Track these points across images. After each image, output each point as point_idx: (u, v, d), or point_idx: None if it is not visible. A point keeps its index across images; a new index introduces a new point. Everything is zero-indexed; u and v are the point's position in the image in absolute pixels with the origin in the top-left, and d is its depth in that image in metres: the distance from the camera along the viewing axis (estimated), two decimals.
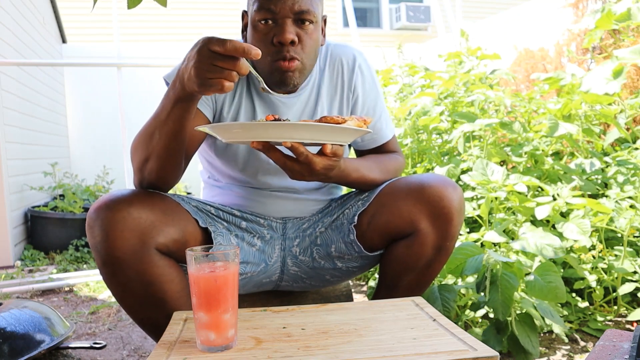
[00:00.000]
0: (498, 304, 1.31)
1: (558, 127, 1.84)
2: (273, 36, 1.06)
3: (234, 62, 0.82)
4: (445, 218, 1.08)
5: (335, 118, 0.90)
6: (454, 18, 3.98)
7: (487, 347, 0.74)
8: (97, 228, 0.96)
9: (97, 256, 0.99)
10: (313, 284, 1.28)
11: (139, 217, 0.97)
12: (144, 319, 1.06)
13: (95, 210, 0.98)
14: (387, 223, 1.13)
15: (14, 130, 3.51)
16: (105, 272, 1.00)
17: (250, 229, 1.20)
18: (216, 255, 0.79)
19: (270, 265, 1.21)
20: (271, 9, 1.04)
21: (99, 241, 0.97)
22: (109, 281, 1.01)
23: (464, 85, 2.35)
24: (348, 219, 1.18)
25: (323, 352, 0.75)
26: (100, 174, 4.26)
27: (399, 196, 1.11)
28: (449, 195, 1.08)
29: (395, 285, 1.16)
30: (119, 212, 0.96)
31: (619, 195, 1.67)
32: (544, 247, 1.41)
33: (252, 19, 1.09)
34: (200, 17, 7.78)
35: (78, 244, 3.44)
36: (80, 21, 7.01)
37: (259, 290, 1.29)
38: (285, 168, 0.95)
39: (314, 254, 1.21)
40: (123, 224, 0.96)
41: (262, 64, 1.10)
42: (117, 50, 3.05)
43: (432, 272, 1.15)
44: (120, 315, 2.00)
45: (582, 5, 2.99)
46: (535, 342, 1.32)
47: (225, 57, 0.81)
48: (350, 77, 1.23)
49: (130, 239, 0.96)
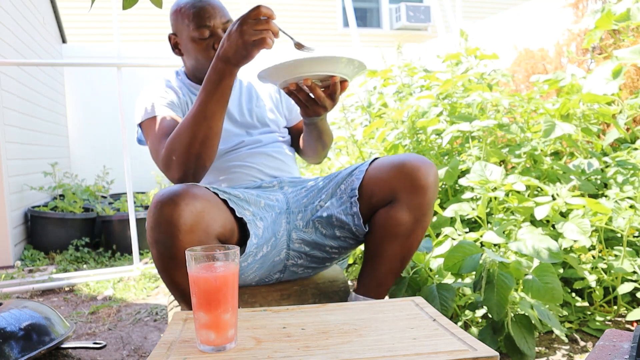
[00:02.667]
0: (493, 303, 1.31)
1: (554, 128, 1.84)
2: (213, 43, 1.35)
3: (267, 22, 1.04)
4: (421, 190, 1.24)
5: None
6: (454, 18, 3.98)
7: (487, 347, 0.74)
8: (165, 224, 1.01)
9: (164, 250, 1.03)
10: (316, 255, 1.36)
11: (203, 210, 1.05)
12: None
13: (160, 207, 1.02)
14: (372, 193, 1.28)
15: (14, 130, 3.51)
16: (172, 265, 1.04)
17: (267, 206, 1.30)
18: (216, 255, 0.79)
19: (278, 239, 1.30)
20: (207, 24, 1.34)
21: (168, 237, 1.01)
22: (173, 274, 1.06)
23: (463, 86, 2.35)
24: (347, 194, 1.32)
25: (323, 352, 0.75)
26: (100, 174, 4.26)
27: (384, 170, 1.28)
28: (426, 170, 1.24)
29: (378, 254, 1.28)
30: (186, 207, 1.02)
31: (618, 195, 1.67)
32: (540, 250, 1.41)
33: (191, 37, 1.35)
34: None
35: (78, 244, 3.44)
36: (80, 21, 7.01)
37: (270, 274, 1.36)
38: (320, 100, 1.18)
39: (316, 224, 1.33)
40: (191, 218, 1.02)
41: (205, 67, 1.33)
42: (117, 50, 3.05)
43: (412, 243, 1.28)
44: (120, 315, 2.00)
45: (582, 5, 2.99)
46: (531, 344, 1.32)
47: (259, 20, 1.04)
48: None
49: (198, 232, 1.03)
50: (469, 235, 1.71)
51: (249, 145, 1.42)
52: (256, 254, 1.22)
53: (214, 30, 1.34)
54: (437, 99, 2.30)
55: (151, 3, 1.18)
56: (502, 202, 1.79)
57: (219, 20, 1.35)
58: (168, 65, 3.06)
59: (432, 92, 2.32)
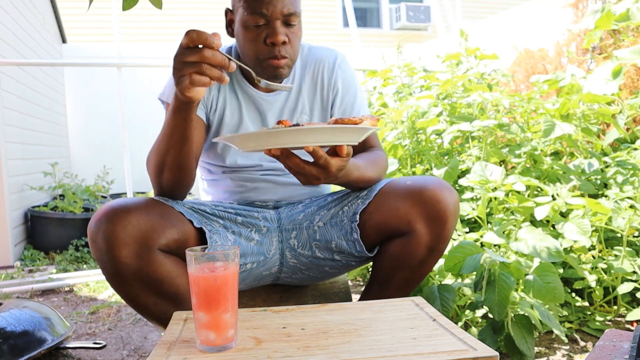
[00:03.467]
0: (494, 303, 1.31)
1: (554, 128, 1.84)
2: (265, 37, 1.14)
3: (197, 52, 0.86)
4: (440, 220, 1.12)
5: (352, 119, 0.92)
6: (454, 18, 3.98)
7: (487, 347, 0.74)
8: (100, 240, 1.00)
9: (104, 267, 1.02)
10: (312, 275, 1.30)
11: (138, 223, 1.01)
12: (161, 316, 1.09)
13: (96, 223, 1.01)
14: (385, 221, 1.16)
15: (14, 130, 3.51)
16: (116, 280, 1.03)
17: (246, 223, 1.22)
18: (216, 255, 0.79)
19: (269, 258, 1.23)
20: (263, 12, 1.12)
21: (104, 252, 1.00)
22: (121, 288, 1.04)
23: (463, 86, 2.35)
24: (348, 217, 1.21)
25: (323, 352, 0.75)
26: (100, 174, 4.26)
27: (398, 196, 1.15)
28: (446, 199, 1.12)
29: (387, 281, 1.19)
30: (119, 222, 0.99)
31: (618, 195, 1.67)
32: (542, 250, 1.41)
33: (243, 21, 1.15)
34: (201, 17, 7.78)
35: (78, 244, 3.44)
36: (80, 21, 7.02)
37: (260, 284, 1.31)
38: (302, 173, 0.97)
39: (313, 248, 1.24)
40: (124, 232, 0.99)
41: (253, 60, 1.17)
42: (117, 50, 3.05)
43: (424, 271, 1.19)
44: (120, 316, 2.00)
45: (582, 5, 2.99)
46: (531, 344, 1.32)
47: (190, 49, 0.86)
48: (331, 75, 1.31)
49: (133, 245, 1.00)
50: (469, 235, 1.71)
51: (267, 170, 1.30)
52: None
53: (270, 19, 1.12)
54: (437, 99, 2.30)
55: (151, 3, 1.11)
56: (502, 202, 1.79)
57: (279, 9, 1.12)
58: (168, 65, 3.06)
59: (431, 92, 2.32)
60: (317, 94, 1.31)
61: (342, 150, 0.96)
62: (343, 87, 1.31)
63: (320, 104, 1.31)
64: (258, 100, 1.26)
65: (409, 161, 2.34)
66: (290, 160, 0.95)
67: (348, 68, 1.34)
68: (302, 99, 1.29)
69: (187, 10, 7.62)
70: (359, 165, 1.16)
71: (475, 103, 2.13)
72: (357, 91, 1.34)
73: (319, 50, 1.34)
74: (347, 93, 1.32)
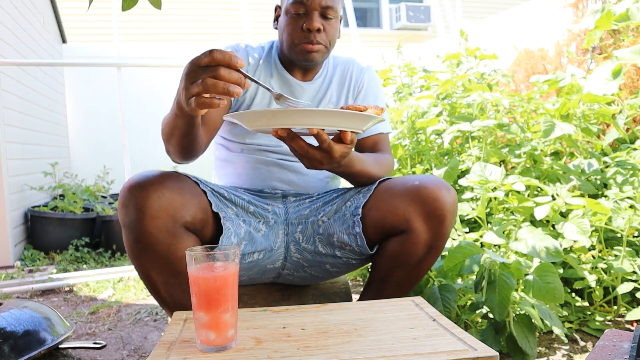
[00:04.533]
0: (495, 304, 1.31)
1: (554, 128, 1.84)
2: (303, 23, 1.25)
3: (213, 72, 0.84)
4: (438, 218, 1.14)
5: (358, 106, 0.95)
6: (454, 18, 3.98)
7: (487, 347, 0.74)
8: (132, 207, 1.02)
9: (130, 233, 1.03)
10: (313, 273, 1.31)
11: (171, 196, 1.04)
12: (166, 298, 1.10)
13: (129, 190, 1.03)
14: (383, 219, 1.18)
15: (14, 130, 3.51)
16: (137, 249, 1.04)
17: (257, 213, 1.25)
18: (216, 255, 0.79)
19: (275, 250, 1.25)
20: (304, 2, 1.24)
21: (134, 219, 1.02)
22: (138, 258, 1.06)
23: (463, 86, 2.35)
24: (351, 211, 1.23)
25: (323, 352, 0.75)
26: (100, 174, 4.26)
27: (396, 194, 1.17)
28: (443, 197, 1.14)
29: (386, 279, 1.21)
30: (154, 192, 1.02)
31: (618, 195, 1.67)
32: (541, 250, 1.41)
33: (287, 10, 1.27)
34: (201, 17, 7.78)
35: (78, 244, 3.44)
36: (80, 21, 7.01)
37: (262, 278, 1.32)
38: (306, 156, 1.00)
39: (316, 242, 1.26)
40: (158, 203, 1.02)
41: (290, 44, 1.27)
42: (117, 50, 3.05)
43: (422, 269, 1.20)
44: (120, 316, 2.00)
45: (582, 5, 2.99)
46: (533, 343, 1.32)
47: (207, 68, 0.84)
48: (359, 75, 1.42)
49: (163, 217, 1.02)
50: (469, 235, 1.71)
51: (283, 155, 1.33)
52: (243, 258, 1.18)
53: (310, 9, 1.24)
54: (436, 99, 2.30)
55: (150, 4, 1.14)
56: (502, 202, 1.79)
57: (317, 2, 1.23)
58: (168, 65, 3.06)
59: (431, 92, 2.32)
60: (344, 89, 1.40)
61: (346, 136, 0.98)
62: (368, 86, 1.41)
63: (345, 97, 1.40)
64: (293, 85, 1.34)
65: (409, 161, 2.34)
66: (295, 143, 0.97)
67: (376, 75, 1.45)
68: (331, 90, 1.38)
69: (187, 10, 7.62)
70: (363, 159, 1.20)
71: (476, 103, 2.13)
72: (378, 92, 1.44)
73: (351, 59, 1.45)
74: (370, 92, 1.41)
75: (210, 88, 0.84)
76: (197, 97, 0.86)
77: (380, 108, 0.98)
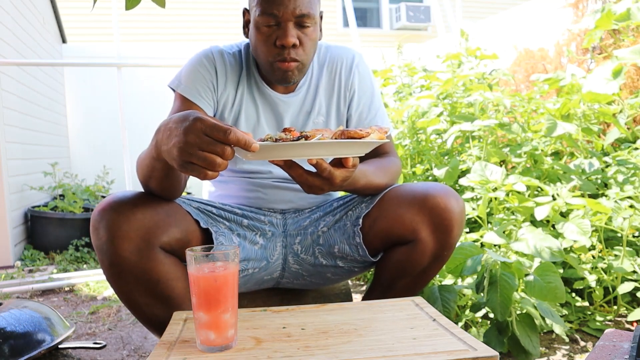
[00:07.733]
0: (497, 304, 1.31)
1: (556, 127, 1.84)
2: (276, 38, 1.10)
3: (223, 149, 0.78)
4: (445, 229, 1.10)
5: (359, 132, 0.89)
6: (454, 18, 3.98)
7: (487, 347, 0.74)
8: (103, 229, 0.98)
9: (103, 257, 1.00)
10: (314, 281, 1.29)
11: (143, 217, 0.99)
12: (151, 318, 1.07)
13: (100, 212, 0.99)
14: (389, 228, 1.14)
15: (14, 130, 3.51)
16: (112, 272, 1.01)
17: (252, 226, 1.21)
18: (216, 255, 0.79)
19: (272, 263, 1.22)
20: (274, 13, 1.08)
21: (105, 242, 0.98)
22: (115, 282, 1.02)
23: (463, 85, 2.35)
24: (352, 221, 1.19)
25: (323, 352, 0.75)
26: (100, 174, 4.26)
27: (403, 203, 1.12)
28: (452, 207, 1.09)
29: (389, 287, 1.18)
30: (123, 214, 0.98)
31: (618, 195, 1.67)
32: (543, 249, 1.41)
33: (255, 21, 1.12)
34: (201, 17, 7.78)
35: (78, 244, 3.44)
36: (80, 21, 7.01)
37: (260, 287, 1.30)
38: (306, 183, 0.95)
39: (316, 253, 1.22)
40: (128, 224, 0.97)
41: (264, 62, 1.15)
42: (117, 50, 3.05)
43: (427, 277, 1.17)
44: (120, 315, 2.00)
45: (582, 5, 2.99)
46: (535, 342, 1.32)
47: (216, 142, 0.77)
48: (348, 76, 1.28)
49: (135, 239, 0.98)
50: (470, 235, 1.71)
51: (277, 178, 1.26)
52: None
53: (282, 20, 1.09)
54: (437, 99, 2.30)
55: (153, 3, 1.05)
56: (503, 202, 1.79)
57: (290, 10, 1.07)
58: (168, 65, 3.06)
59: (432, 92, 2.32)
60: (334, 95, 1.28)
61: (347, 162, 0.93)
62: (360, 88, 1.28)
63: (336, 105, 1.28)
64: (275, 101, 1.23)
65: (409, 161, 2.34)
66: (293, 171, 0.93)
67: (365, 68, 1.31)
68: (319, 99, 1.26)
69: (187, 10, 7.62)
70: (367, 172, 1.13)
71: (477, 103, 2.12)
72: (374, 92, 1.31)
73: (336, 50, 1.30)
74: (363, 94, 1.29)
75: (211, 165, 0.78)
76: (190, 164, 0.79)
77: (384, 130, 0.93)
